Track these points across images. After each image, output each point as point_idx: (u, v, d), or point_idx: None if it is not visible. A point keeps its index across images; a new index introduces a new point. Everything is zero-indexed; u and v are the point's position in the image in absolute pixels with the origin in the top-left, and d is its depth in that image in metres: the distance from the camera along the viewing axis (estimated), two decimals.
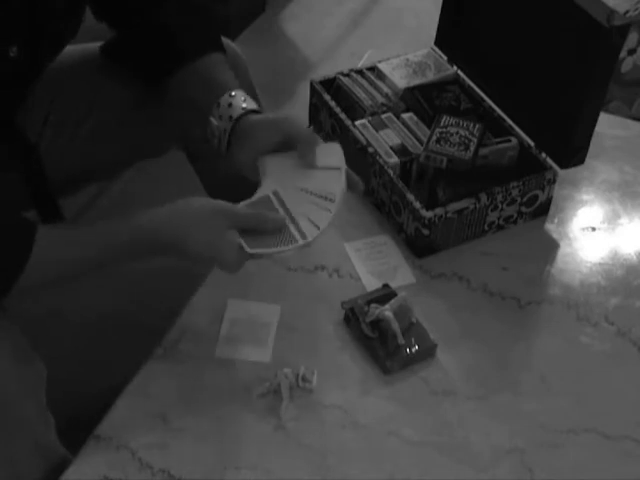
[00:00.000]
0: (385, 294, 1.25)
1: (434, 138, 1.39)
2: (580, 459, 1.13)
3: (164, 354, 1.20)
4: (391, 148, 1.42)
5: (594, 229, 1.45)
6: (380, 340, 1.20)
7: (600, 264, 1.39)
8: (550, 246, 1.42)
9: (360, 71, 1.58)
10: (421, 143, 1.42)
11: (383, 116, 1.48)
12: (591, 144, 1.38)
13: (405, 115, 1.49)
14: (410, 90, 1.52)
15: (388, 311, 1.20)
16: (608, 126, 1.60)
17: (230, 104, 1.17)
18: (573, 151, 1.39)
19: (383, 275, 1.32)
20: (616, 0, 1.48)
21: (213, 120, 1.17)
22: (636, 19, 1.99)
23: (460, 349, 1.24)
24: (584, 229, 1.45)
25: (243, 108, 1.17)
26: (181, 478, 1.07)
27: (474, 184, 1.36)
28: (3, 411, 1.02)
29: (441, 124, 1.42)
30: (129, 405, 1.14)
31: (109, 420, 1.12)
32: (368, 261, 1.35)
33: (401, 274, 1.33)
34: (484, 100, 1.52)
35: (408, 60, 1.59)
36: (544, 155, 1.42)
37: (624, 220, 1.47)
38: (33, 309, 1.31)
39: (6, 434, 1.03)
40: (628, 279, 1.37)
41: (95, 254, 1.06)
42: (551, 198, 1.44)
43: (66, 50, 1.24)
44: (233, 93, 1.18)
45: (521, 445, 1.13)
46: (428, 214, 1.31)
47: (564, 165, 1.41)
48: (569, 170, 1.42)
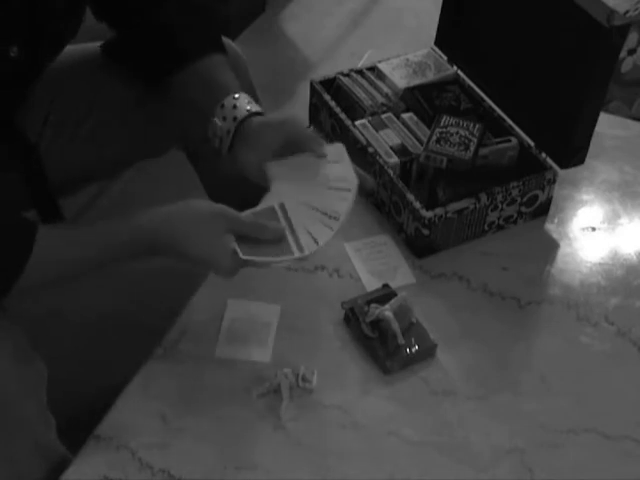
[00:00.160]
0: (385, 294, 1.25)
1: (434, 138, 1.39)
2: (580, 459, 1.13)
3: (164, 354, 1.20)
4: (391, 148, 1.42)
5: (594, 229, 1.45)
6: (380, 340, 1.20)
7: (600, 264, 1.39)
8: (550, 246, 1.42)
9: (360, 71, 1.58)
10: (421, 143, 1.42)
11: (383, 116, 1.48)
12: (591, 144, 1.38)
13: (405, 115, 1.49)
14: (410, 90, 1.52)
15: (388, 311, 1.20)
16: (608, 126, 1.60)
17: (235, 106, 1.17)
18: (573, 151, 1.39)
19: (383, 275, 1.32)
20: (616, 0, 1.48)
21: (217, 120, 1.17)
22: (636, 19, 1.99)
23: (460, 349, 1.24)
24: (584, 229, 1.45)
25: (248, 110, 1.17)
26: (181, 478, 1.07)
27: (474, 184, 1.36)
28: (3, 411, 1.02)
29: (441, 124, 1.42)
30: (129, 405, 1.14)
31: (109, 420, 1.12)
32: (368, 261, 1.35)
33: (401, 274, 1.33)
34: (484, 100, 1.52)
35: (408, 60, 1.59)
36: (544, 155, 1.42)
37: (624, 220, 1.47)
38: (33, 309, 1.31)
39: (6, 434, 1.03)
40: (628, 279, 1.37)
41: (95, 254, 1.07)
42: (551, 198, 1.44)
43: (66, 50, 1.24)
44: (237, 95, 1.18)
45: (521, 445, 1.13)
46: (428, 214, 1.31)
47: (564, 165, 1.41)
48: (569, 170, 1.42)
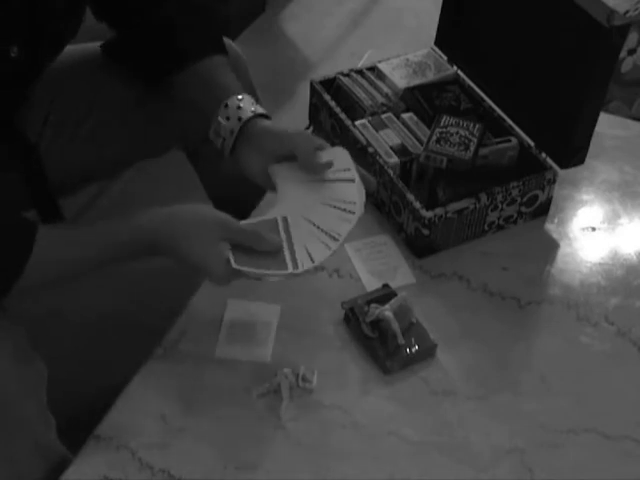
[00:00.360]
0: (385, 294, 1.25)
1: (434, 138, 1.39)
2: (580, 459, 1.13)
3: (164, 354, 1.20)
4: (391, 148, 1.42)
5: (594, 229, 1.45)
6: (380, 340, 1.20)
7: (600, 264, 1.39)
8: (550, 246, 1.42)
9: (360, 71, 1.58)
10: (421, 143, 1.42)
11: (383, 116, 1.48)
12: (591, 144, 1.38)
13: (405, 115, 1.49)
14: (410, 90, 1.52)
15: (388, 311, 1.20)
16: (608, 126, 1.60)
17: (239, 106, 1.17)
18: (573, 151, 1.39)
19: (383, 275, 1.32)
20: (616, 0, 1.48)
21: (220, 119, 1.18)
22: (636, 19, 1.99)
23: (460, 349, 1.24)
24: (584, 229, 1.45)
25: (252, 111, 1.18)
26: (181, 478, 1.07)
27: (474, 184, 1.36)
28: (3, 411, 1.02)
29: (441, 124, 1.42)
30: (129, 405, 1.14)
31: (109, 420, 1.12)
32: (368, 261, 1.35)
33: (401, 274, 1.33)
34: (484, 100, 1.52)
35: (408, 60, 1.59)
36: (544, 155, 1.42)
37: (624, 220, 1.47)
38: (33, 309, 1.31)
39: (6, 434, 1.03)
40: (628, 279, 1.37)
41: (95, 254, 1.07)
42: (551, 198, 1.44)
43: (66, 50, 1.24)
44: (240, 96, 1.18)
45: (521, 445, 1.13)
46: (428, 214, 1.31)
47: (564, 165, 1.41)
48: (569, 170, 1.42)
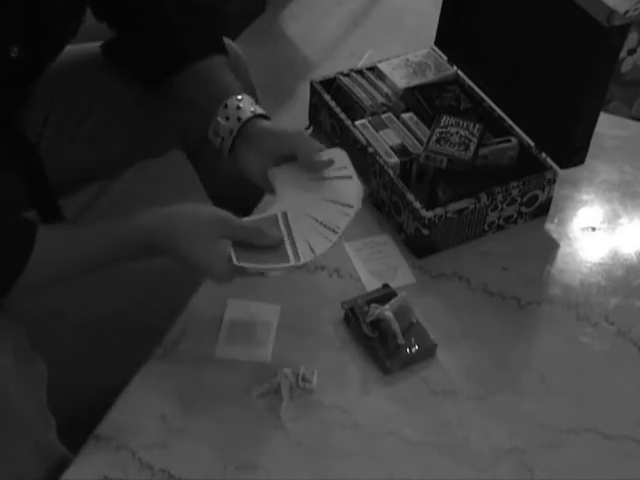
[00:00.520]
0: (385, 294, 1.25)
1: (434, 138, 1.39)
2: (580, 459, 1.13)
3: (164, 354, 1.20)
4: (391, 148, 1.42)
5: (594, 229, 1.45)
6: (380, 340, 1.20)
7: (600, 264, 1.39)
8: (550, 246, 1.42)
9: (360, 71, 1.58)
10: (421, 143, 1.42)
11: (383, 116, 1.48)
12: (591, 144, 1.38)
13: (405, 115, 1.49)
14: (410, 90, 1.52)
15: (388, 311, 1.20)
16: (608, 126, 1.60)
17: (239, 107, 1.18)
18: (573, 151, 1.39)
19: (383, 275, 1.32)
20: (616, 0, 1.48)
21: (220, 119, 1.18)
22: (636, 19, 1.99)
23: (460, 349, 1.24)
24: (584, 229, 1.45)
25: (252, 112, 1.18)
26: (181, 478, 1.07)
27: (474, 184, 1.36)
28: (3, 411, 1.02)
29: (441, 124, 1.42)
30: (129, 405, 1.14)
31: (109, 420, 1.12)
32: (368, 261, 1.35)
33: (401, 274, 1.33)
34: (484, 100, 1.52)
35: (408, 60, 1.59)
36: (544, 155, 1.42)
37: (624, 220, 1.47)
38: (33, 309, 1.31)
39: (6, 434, 1.03)
40: (628, 279, 1.37)
41: (95, 253, 1.07)
42: (551, 198, 1.44)
43: (66, 50, 1.24)
44: (240, 97, 1.19)
45: (521, 445, 1.13)
46: (428, 214, 1.31)
47: (564, 165, 1.41)
48: (569, 170, 1.42)
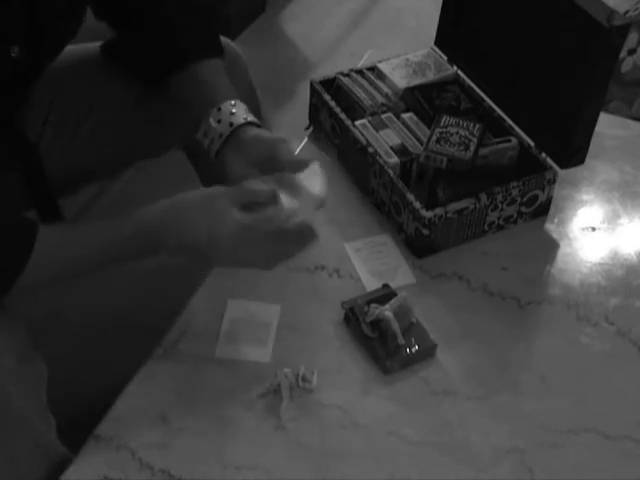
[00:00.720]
0: (385, 294, 1.25)
1: (434, 138, 1.39)
2: (580, 459, 1.13)
3: (164, 354, 1.20)
4: (391, 148, 1.42)
5: (594, 229, 1.45)
6: (380, 340, 1.20)
7: (600, 264, 1.39)
8: (550, 246, 1.42)
9: (360, 71, 1.58)
10: (421, 143, 1.42)
11: (383, 116, 1.48)
12: (591, 144, 1.38)
13: (405, 115, 1.49)
14: (410, 90, 1.52)
15: (388, 311, 1.20)
16: (608, 126, 1.60)
17: (232, 112, 1.18)
18: (573, 151, 1.39)
19: (383, 275, 1.32)
20: (616, 0, 1.48)
21: (212, 122, 1.18)
22: (636, 19, 1.99)
23: (460, 349, 1.24)
24: (584, 229, 1.45)
25: (245, 119, 1.18)
26: (181, 478, 1.07)
27: (474, 184, 1.36)
28: (3, 411, 1.02)
29: (441, 124, 1.42)
30: (129, 405, 1.14)
31: (109, 420, 1.12)
32: (368, 261, 1.35)
33: (401, 274, 1.33)
34: (484, 100, 1.52)
35: (408, 60, 1.59)
36: (544, 155, 1.42)
37: (624, 220, 1.47)
38: (33, 309, 1.31)
39: (6, 434, 1.03)
40: (628, 279, 1.37)
41: (97, 250, 1.06)
42: (551, 198, 1.44)
43: (66, 50, 1.24)
44: (234, 102, 1.19)
45: (521, 445, 1.13)
46: (428, 214, 1.31)
47: (564, 165, 1.41)
48: (569, 170, 1.42)
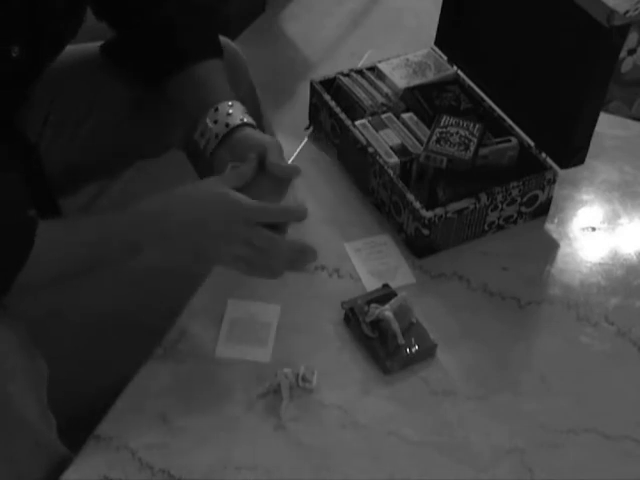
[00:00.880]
0: (385, 294, 1.25)
1: (434, 138, 1.39)
2: (580, 459, 1.13)
3: (164, 354, 1.20)
4: (391, 148, 1.42)
5: (594, 229, 1.45)
6: (380, 340, 1.20)
7: (600, 264, 1.39)
8: (550, 246, 1.42)
9: (360, 71, 1.58)
10: (421, 143, 1.42)
11: (383, 116, 1.48)
12: (591, 144, 1.38)
13: (405, 115, 1.49)
14: (410, 90, 1.52)
15: (388, 311, 1.20)
16: (608, 126, 1.60)
17: (229, 113, 1.18)
18: (573, 151, 1.39)
19: (383, 275, 1.32)
20: (616, 0, 1.48)
21: (208, 122, 1.18)
22: (636, 19, 1.99)
23: (460, 349, 1.24)
24: (584, 229, 1.45)
25: (241, 119, 1.18)
26: (181, 478, 1.07)
27: (474, 184, 1.36)
28: (3, 411, 1.02)
29: (441, 124, 1.42)
30: (129, 405, 1.14)
31: (109, 420, 1.12)
32: (368, 261, 1.35)
33: (401, 274, 1.33)
34: (484, 100, 1.52)
35: (408, 60, 1.59)
36: (544, 155, 1.42)
37: (624, 220, 1.47)
38: (33, 309, 1.31)
39: (6, 434, 1.03)
40: (628, 279, 1.37)
41: (96, 242, 1.06)
42: (551, 198, 1.44)
43: (66, 50, 1.24)
44: (231, 103, 1.19)
45: (521, 445, 1.13)
46: (428, 214, 1.31)
47: (564, 165, 1.41)
48: (569, 170, 1.42)
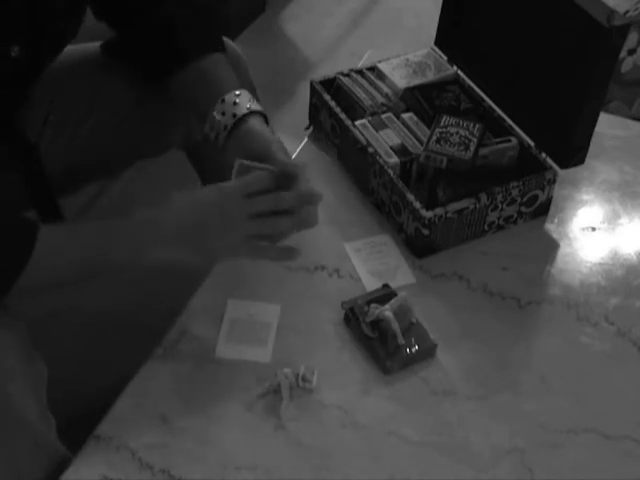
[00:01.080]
0: (385, 294, 1.25)
1: (434, 138, 1.39)
2: (580, 459, 1.13)
3: (164, 354, 1.20)
4: (391, 148, 1.42)
5: (594, 229, 1.45)
6: (380, 340, 1.20)
7: (600, 264, 1.39)
8: (550, 246, 1.42)
9: (360, 71, 1.58)
10: (421, 143, 1.42)
11: (383, 116, 1.48)
12: (591, 144, 1.38)
13: (405, 115, 1.49)
14: (410, 90, 1.52)
15: (388, 311, 1.20)
16: (608, 126, 1.60)
17: (235, 102, 1.17)
18: (573, 151, 1.39)
19: (383, 275, 1.32)
20: (616, 0, 1.48)
21: (215, 114, 1.18)
22: (636, 19, 1.99)
23: (460, 349, 1.24)
24: (584, 229, 1.45)
25: (248, 108, 1.17)
26: (181, 478, 1.07)
27: (474, 184, 1.36)
28: (3, 411, 1.02)
29: (441, 124, 1.42)
30: (129, 405, 1.14)
31: (109, 420, 1.12)
32: (368, 261, 1.35)
33: (401, 274, 1.33)
34: (484, 100, 1.52)
35: (408, 60, 1.59)
36: (544, 155, 1.42)
37: (624, 220, 1.47)
38: (33, 309, 1.31)
39: (6, 434, 1.03)
40: (628, 279, 1.37)
41: (96, 248, 1.06)
42: (551, 198, 1.44)
43: (66, 50, 1.24)
44: (238, 92, 1.18)
45: (521, 445, 1.13)
46: (428, 214, 1.31)
47: (564, 165, 1.41)
48: (569, 170, 1.42)
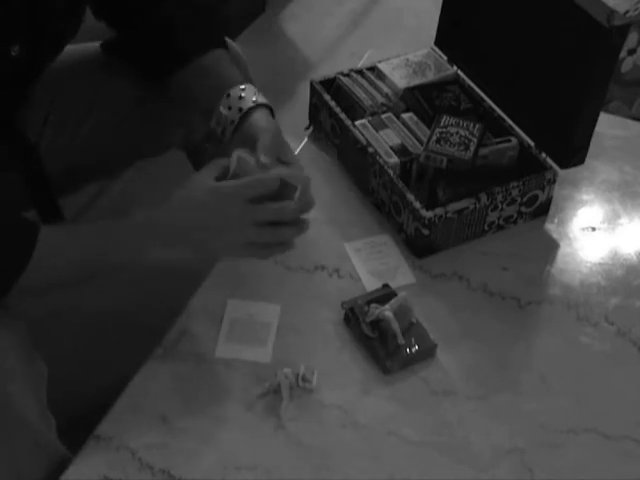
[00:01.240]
0: (385, 294, 1.25)
1: (434, 138, 1.39)
2: (580, 459, 1.13)
3: (164, 354, 1.20)
4: (391, 148, 1.42)
5: (594, 229, 1.45)
6: (380, 340, 1.20)
7: (600, 264, 1.39)
8: (550, 246, 1.42)
9: (360, 71, 1.57)
10: (421, 143, 1.42)
11: (383, 116, 1.48)
12: (591, 144, 1.38)
13: (405, 115, 1.49)
14: (410, 90, 1.52)
15: (388, 311, 1.20)
16: (608, 126, 1.59)
17: (241, 96, 1.17)
18: (573, 151, 1.39)
19: (383, 275, 1.32)
20: (616, 0, 1.48)
21: (222, 109, 1.18)
22: (636, 19, 1.99)
23: (460, 349, 1.24)
24: (584, 229, 1.45)
25: (254, 101, 1.17)
26: (181, 478, 1.07)
27: (474, 184, 1.36)
28: (3, 411, 1.02)
29: (441, 124, 1.42)
30: (129, 405, 1.14)
31: (109, 420, 1.12)
32: (368, 261, 1.35)
33: (401, 274, 1.33)
34: (484, 100, 1.52)
35: (408, 60, 1.59)
36: (544, 155, 1.42)
37: (624, 220, 1.47)
38: (34, 309, 1.31)
39: (6, 434, 1.03)
40: (628, 279, 1.37)
41: (97, 248, 1.06)
42: (551, 198, 1.44)
43: (66, 50, 1.24)
44: (243, 86, 1.19)
45: (521, 445, 1.13)
46: (428, 214, 1.31)
47: (564, 165, 1.41)
48: (569, 170, 1.42)
